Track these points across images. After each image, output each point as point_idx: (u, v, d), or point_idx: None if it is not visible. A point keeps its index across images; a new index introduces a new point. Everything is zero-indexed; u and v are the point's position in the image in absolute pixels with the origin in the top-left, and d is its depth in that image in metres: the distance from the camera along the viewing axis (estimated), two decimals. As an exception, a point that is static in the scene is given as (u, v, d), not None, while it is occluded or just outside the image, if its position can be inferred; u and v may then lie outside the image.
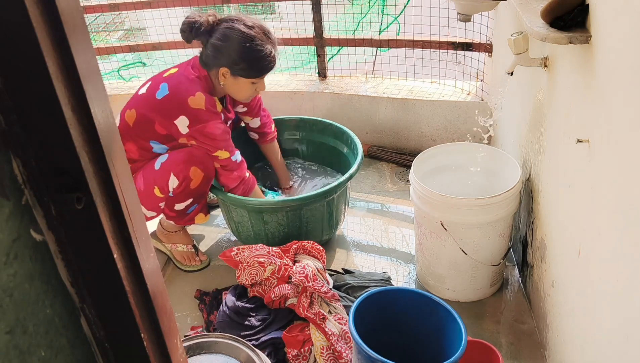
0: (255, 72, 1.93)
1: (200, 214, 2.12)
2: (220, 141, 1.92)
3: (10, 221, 0.54)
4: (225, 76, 1.93)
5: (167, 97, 1.89)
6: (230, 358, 1.40)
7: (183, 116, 1.87)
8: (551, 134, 1.62)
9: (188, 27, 1.92)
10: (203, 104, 1.88)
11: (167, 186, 1.94)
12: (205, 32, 1.91)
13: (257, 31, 1.90)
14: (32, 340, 0.57)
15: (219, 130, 1.91)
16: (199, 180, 1.95)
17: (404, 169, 2.78)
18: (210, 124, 1.89)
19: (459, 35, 2.69)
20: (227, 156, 1.96)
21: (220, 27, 1.90)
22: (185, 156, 1.92)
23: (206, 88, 1.94)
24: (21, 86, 0.54)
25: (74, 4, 0.56)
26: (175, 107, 1.88)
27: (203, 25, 1.90)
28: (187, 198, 1.99)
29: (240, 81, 1.95)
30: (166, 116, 1.89)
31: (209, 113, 1.89)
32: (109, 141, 0.62)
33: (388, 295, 1.58)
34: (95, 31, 3.91)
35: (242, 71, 1.92)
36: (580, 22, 1.28)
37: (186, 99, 1.87)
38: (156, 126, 1.93)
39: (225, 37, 1.88)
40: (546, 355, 1.71)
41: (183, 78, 1.93)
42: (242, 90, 1.98)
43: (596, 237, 1.24)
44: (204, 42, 1.94)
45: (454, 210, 1.75)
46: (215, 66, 1.93)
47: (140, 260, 0.67)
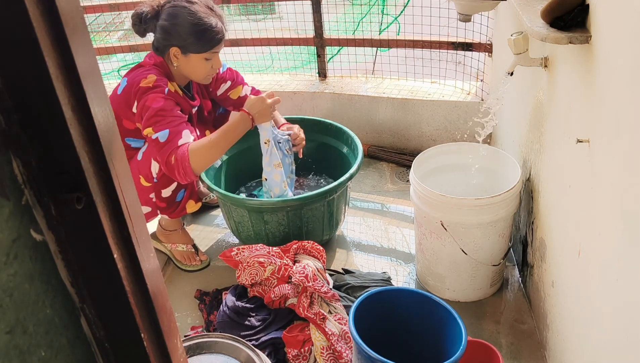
0: (204, 45, 1.90)
1: (191, 201, 2.11)
2: (152, 116, 1.81)
3: (10, 221, 0.54)
4: (177, 56, 1.92)
5: (125, 89, 1.91)
6: (230, 358, 1.40)
7: (136, 99, 1.87)
8: (551, 134, 1.62)
9: (137, 19, 1.92)
10: (152, 82, 1.87)
11: (150, 173, 1.95)
12: (152, 17, 1.91)
13: (199, 5, 1.89)
14: (32, 340, 0.57)
15: (158, 103, 1.83)
16: None
17: (404, 169, 2.78)
18: (150, 96, 1.84)
19: (459, 35, 2.69)
20: (150, 133, 1.82)
21: (164, 8, 1.90)
22: None
23: (162, 73, 1.93)
24: (21, 86, 0.54)
25: (74, 4, 0.56)
26: (130, 95, 1.88)
27: (149, 13, 1.90)
28: (171, 180, 1.98)
29: (192, 58, 1.93)
30: (126, 107, 1.90)
31: (154, 88, 1.85)
32: (109, 141, 0.62)
33: (388, 295, 1.58)
34: (95, 31, 3.90)
35: (191, 46, 1.90)
36: (580, 22, 1.28)
37: (139, 82, 1.87)
38: (124, 122, 1.94)
39: (169, 17, 1.88)
40: (546, 355, 1.71)
41: (140, 68, 1.94)
42: (196, 68, 1.95)
43: (596, 237, 1.24)
44: (152, 29, 1.94)
45: (454, 210, 1.75)
46: (166, 48, 1.92)
47: (140, 260, 0.67)
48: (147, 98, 1.84)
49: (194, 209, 2.14)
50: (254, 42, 3.11)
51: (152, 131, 1.83)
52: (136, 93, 1.87)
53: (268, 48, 3.18)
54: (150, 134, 1.83)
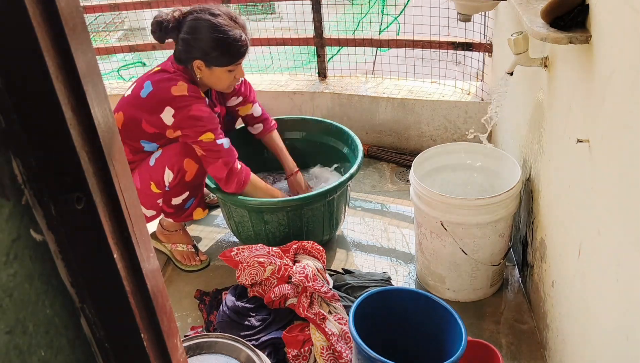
0: (229, 59, 1.91)
1: (199, 209, 2.11)
2: (206, 122, 1.89)
3: (10, 221, 0.54)
4: (201, 68, 1.93)
5: (151, 94, 1.90)
6: (230, 358, 1.40)
7: (168, 107, 1.87)
8: (551, 134, 1.62)
9: (157, 27, 1.92)
10: (186, 90, 1.88)
11: (163, 181, 1.94)
12: (174, 28, 1.91)
13: (223, 18, 1.88)
14: (32, 340, 0.57)
15: (205, 113, 1.90)
16: (194, 172, 1.95)
17: (404, 169, 2.78)
18: (195, 107, 1.88)
19: (459, 35, 2.69)
20: (212, 139, 1.90)
21: (186, 20, 1.89)
22: (179, 149, 1.93)
23: (188, 79, 1.94)
24: (21, 86, 0.54)
25: (74, 4, 0.56)
26: (159, 101, 1.88)
27: (171, 22, 1.90)
28: (183, 191, 1.99)
29: (216, 70, 1.93)
30: (152, 112, 1.89)
31: (192, 98, 1.89)
32: (109, 141, 0.62)
33: (388, 295, 1.58)
34: (95, 31, 3.90)
35: (215, 60, 1.90)
36: (580, 22, 1.28)
37: (169, 89, 1.88)
38: (143, 125, 1.93)
39: (192, 30, 1.88)
40: (546, 355, 1.71)
41: (164, 73, 1.94)
42: (220, 79, 1.97)
43: (596, 237, 1.24)
44: (174, 38, 1.93)
45: (454, 210, 1.75)
46: (189, 60, 1.92)
47: (140, 260, 0.67)
48: (191, 108, 1.87)
49: (200, 216, 2.15)
50: (254, 42, 3.11)
51: (213, 137, 1.90)
52: (168, 100, 1.87)
53: (268, 48, 3.18)
54: (211, 139, 1.90)
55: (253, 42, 3.10)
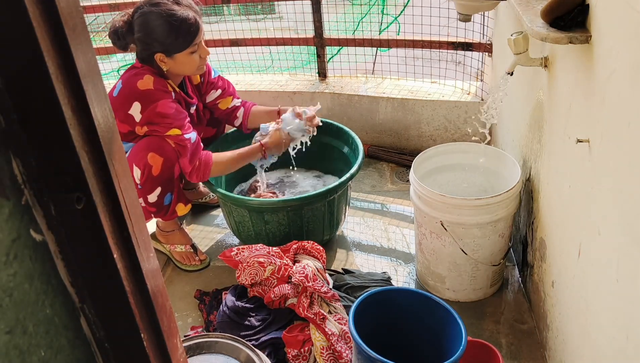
0: (184, 41, 1.89)
1: (180, 205, 2.10)
2: (173, 119, 1.90)
3: (10, 221, 0.54)
4: (163, 60, 1.92)
5: (121, 91, 1.91)
6: (230, 358, 1.40)
7: (135, 102, 1.88)
8: (551, 134, 1.62)
9: (115, 37, 1.93)
10: (151, 84, 1.89)
11: (133, 178, 1.94)
12: (128, 31, 1.91)
13: (164, 4, 1.87)
14: (32, 340, 0.57)
15: (171, 108, 1.90)
16: (159, 165, 1.94)
17: (404, 169, 2.78)
18: (161, 103, 1.88)
19: (459, 35, 2.69)
20: (179, 134, 1.91)
21: (134, 20, 1.89)
22: (142, 145, 1.93)
23: (157, 74, 1.94)
24: (21, 86, 0.54)
25: (74, 4, 0.56)
26: (127, 96, 1.89)
27: (123, 28, 1.91)
28: (155, 186, 1.98)
29: (178, 57, 1.92)
30: (122, 109, 1.90)
31: (159, 93, 1.89)
32: (109, 141, 0.62)
33: (388, 295, 1.58)
34: (95, 31, 3.90)
35: (172, 47, 1.89)
36: (580, 22, 1.28)
37: (135, 84, 1.88)
38: (118, 125, 1.92)
39: (141, 27, 1.88)
40: (546, 355, 1.71)
41: (132, 70, 1.95)
42: (185, 64, 1.95)
43: (596, 237, 1.24)
44: (131, 40, 1.94)
45: (454, 210, 1.75)
46: (150, 56, 1.92)
47: (140, 260, 0.67)
48: (157, 104, 1.87)
49: (184, 212, 2.13)
50: (254, 42, 3.11)
51: (180, 132, 1.91)
52: (135, 95, 1.87)
53: (268, 48, 3.18)
54: (178, 134, 1.91)
55: (253, 43, 3.11)
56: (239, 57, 3.19)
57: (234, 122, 2.35)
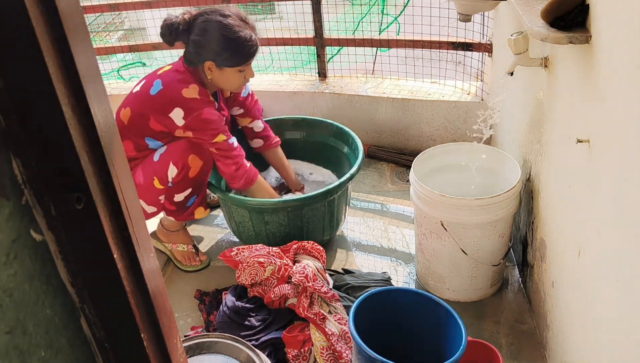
0: (240, 59, 1.93)
1: (200, 208, 2.12)
2: (217, 125, 1.94)
3: (10, 221, 0.54)
4: (212, 69, 1.94)
5: (161, 92, 1.91)
6: (230, 358, 1.40)
7: (178, 108, 1.88)
8: (551, 134, 1.62)
9: (167, 30, 1.93)
10: (196, 94, 1.90)
11: (166, 176, 1.95)
12: (184, 30, 1.92)
13: (233, 19, 1.89)
14: (32, 340, 0.57)
15: (215, 115, 1.93)
16: (198, 168, 1.97)
17: (404, 169, 2.78)
18: (206, 111, 1.91)
19: (459, 35, 2.68)
20: (225, 139, 1.96)
21: (197, 22, 1.91)
22: (184, 145, 1.94)
23: (198, 81, 1.95)
24: (21, 86, 0.54)
25: (74, 4, 0.56)
26: (169, 100, 1.89)
27: (181, 25, 1.91)
28: (187, 187, 1.99)
29: (227, 71, 1.95)
30: (161, 111, 1.90)
31: (203, 102, 1.91)
32: (109, 141, 0.62)
33: (388, 295, 1.58)
34: (95, 31, 3.90)
35: (226, 61, 1.92)
36: (581, 22, 1.28)
37: (180, 91, 1.89)
38: (151, 123, 1.93)
39: (203, 31, 1.89)
40: (546, 355, 1.71)
41: (176, 73, 1.95)
42: (230, 80, 1.99)
43: (596, 237, 1.24)
44: (184, 40, 1.94)
45: (454, 210, 1.75)
46: (200, 61, 1.94)
47: (140, 260, 0.67)
48: (203, 111, 1.90)
49: (202, 216, 2.16)
50: (254, 42, 3.10)
51: (225, 137, 1.96)
52: (179, 101, 1.89)
53: (268, 48, 3.18)
54: (224, 140, 1.96)
55: (253, 42, 3.10)
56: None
57: (251, 142, 2.37)
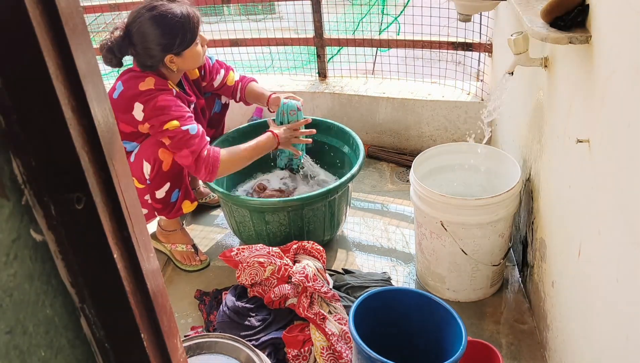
0: (191, 36, 1.90)
1: (186, 202, 2.11)
2: (172, 111, 1.87)
3: (10, 221, 0.54)
4: (173, 60, 1.92)
5: (121, 93, 1.91)
6: (230, 358, 1.40)
7: (137, 102, 1.87)
8: (551, 134, 1.62)
9: (109, 53, 1.89)
10: (152, 84, 1.89)
11: (142, 174, 1.96)
12: (125, 45, 1.88)
13: (160, 5, 1.85)
14: (32, 340, 0.57)
15: (171, 102, 1.88)
16: (170, 161, 1.96)
17: (404, 169, 2.78)
18: (160, 97, 1.87)
19: (459, 35, 2.69)
20: (177, 126, 1.86)
21: (132, 31, 1.86)
22: (153, 140, 1.94)
23: (157, 76, 1.93)
24: (21, 86, 0.54)
25: (74, 4, 0.56)
26: (129, 98, 1.88)
27: (117, 42, 1.87)
28: (163, 182, 1.99)
29: (186, 53, 1.93)
30: (124, 111, 1.90)
31: (158, 90, 1.89)
32: (109, 141, 0.62)
33: (388, 295, 1.58)
34: (95, 31, 3.90)
35: (181, 45, 1.89)
36: (581, 22, 1.28)
37: (137, 86, 1.88)
38: (120, 126, 1.93)
39: (143, 35, 1.85)
40: (546, 355, 1.71)
41: (132, 73, 1.94)
42: (194, 58, 1.96)
43: (596, 237, 1.24)
44: (131, 53, 1.91)
45: (454, 210, 1.75)
46: (157, 62, 1.91)
47: (140, 260, 0.67)
48: (157, 99, 1.86)
49: (190, 209, 2.14)
50: (254, 42, 3.11)
51: (179, 124, 1.87)
52: (137, 96, 1.87)
53: (268, 48, 3.18)
54: (176, 126, 1.86)
55: (253, 43, 3.11)
56: (239, 58, 3.19)
57: (236, 98, 2.35)
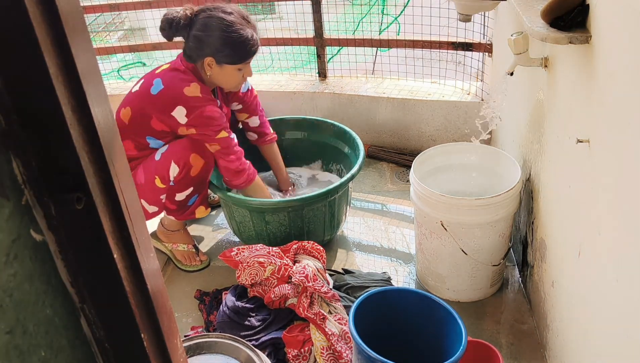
0: (240, 57, 1.93)
1: (201, 207, 2.12)
2: (220, 121, 1.94)
3: (10, 221, 0.54)
4: (211, 65, 1.94)
5: (163, 92, 1.91)
6: (230, 358, 1.40)
7: (180, 106, 1.89)
8: (551, 134, 1.62)
9: (167, 24, 1.92)
10: (199, 92, 1.91)
11: (168, 175, 1.95)
12: (185, 25, 1.91)
13: (235, 16, 1.89)
14: (32, 340, 0.57)
15: (217, 113, 1.94)
16: (199, 167, 1.97)
17: (404, 169, 2.78)
18: (208, 108, 1.91)
19: (459, 35, 2.69)
20: (227, 135, 1.97)
21: (199, 17, 1.90)
22: (186, 144, 1.94)
23: (198, 79, 1.96)
24: (21, 86, 0.54)
25: (74, 4, 0.56)
26: (171, 99, 1.90)
27: (182, 20, 1.90)
28: (188, 186, 2.00)
29: (226, 68, 1.95)
30: (162, 110, 1.90)
31: (205, 99, 1.92)
32: (109, 141, 0.62)
33: (388, 295, 1.58)
34: (95, 31, 3.90)
35: (226, 58, 1.92)
36: (581, 22, 1.28)
37: (182, 89, 1.89)
38: (152, 122, 1.94)
39: (205, 27, 1.88)
40: (546, 355, 1.71)
41: (176, 72, 1.95)
42: (229, 78, 1.98)
43: (596, 237, 1.24)
44: (185, 36, 1.94)
45: (454, 210, 1.75)
46: (199, 57, 1.93)
47: (140, 260, 0.67)
48: (206, 109, 1.91)
49: (203, 215, 2.16)
50: (254, 42, 3.10)
51: (227, 133, 1.97)
52: (182, 100, 1.89)
53: (268, 48, 3.18)
54: (226, 136, 1.97)
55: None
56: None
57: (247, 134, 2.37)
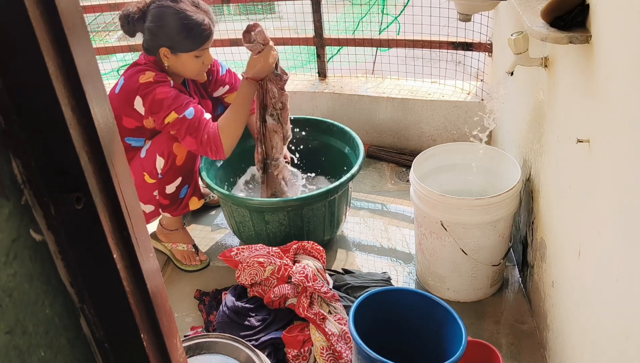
0: (193, 43, 1.91)
1: (194, 198, 2.12)
2: (169, 103, 1.86)
3: (10, 221, 0.54)
4: (167, 55, 1.93)
5: (123, 87, 1.92)
6: (230, 358, 1.40)
7: (137, 96, 1.88)
8: (551, 134, 1.62)
9: (125, 21, 1.93)
10: (152, 77, 1.89)
11: (155, 169, 1.96)
12: (139, 19, 1.91)
13: (185, 3, 1.88)
14: (32, 340, 0.57)
15: (168, 93, 1.87)
16: (184, 156, 1.97)
17: (404, 169, 2.78)
18: (158, 90, 1.87)
19: (459, 35, 2.69)
20: (176, 116, 1.87)
21: (150, 9, 1.89)
22: (167, 135, 1.94)
23: (159, 70, 1.94)
24: (21, 86, 0.54)
25: (74, 4, 0.56)
26: (129, 92, 1.89)
27: (136, 14, 1.90)
28: (176, 176, 2.00)
29: (182, 56, 1.93)
30: (126, 105, 1.90)
31: (157, 83, 1.89)
32: (109, 141, 0.62)
33: (388, 295, 1.58)
34: (95, 31, 3.90)
35: (180, 45, 1.90)
36: (581, 22, 1.28)
37: (137, 79, 1.89)
38: (124, 122, 1.94)
39: (155, 18, 1.88)
40: (546, 355, 1.71)
41: (136, 67, 1.95)
42: (187, 66, 1.96)
43: (596, 237, 1.24)
44: (141, 30, 1.94)
45: (454, 210, 1.75)
46: (155, 48, 1.92)
47: (140, 260, 0.67)
48: (155, 92, 1.86)
49: (196, 206, 2.15)
50: (254, 42, 3.10)
51: (177, 114, 1.87)
52: (137, 89, 1.88)
53: (268, 48, 3.17)
54: (175, 117, 1.87)
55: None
56: (239, 57, 3.18)
57: None
